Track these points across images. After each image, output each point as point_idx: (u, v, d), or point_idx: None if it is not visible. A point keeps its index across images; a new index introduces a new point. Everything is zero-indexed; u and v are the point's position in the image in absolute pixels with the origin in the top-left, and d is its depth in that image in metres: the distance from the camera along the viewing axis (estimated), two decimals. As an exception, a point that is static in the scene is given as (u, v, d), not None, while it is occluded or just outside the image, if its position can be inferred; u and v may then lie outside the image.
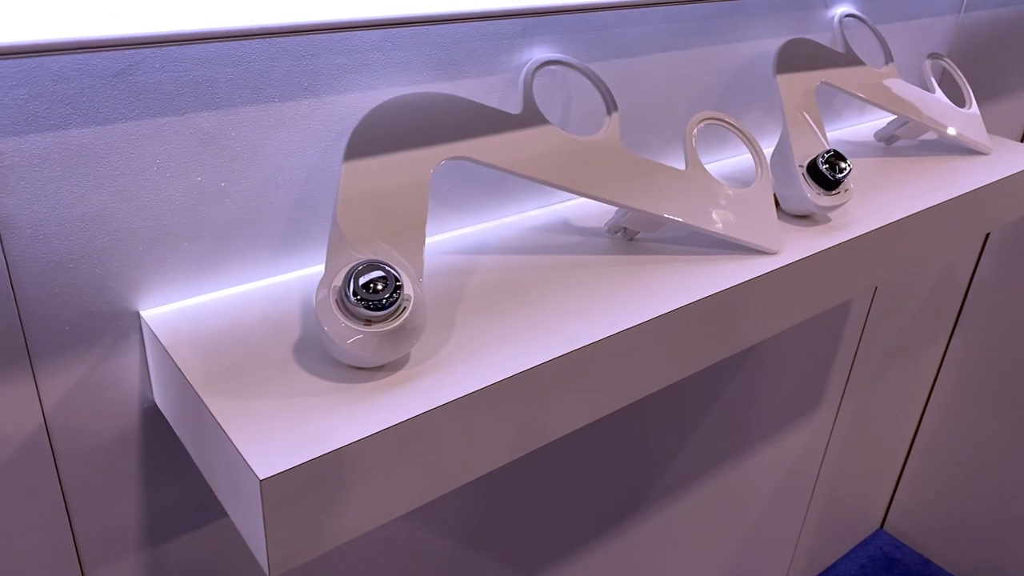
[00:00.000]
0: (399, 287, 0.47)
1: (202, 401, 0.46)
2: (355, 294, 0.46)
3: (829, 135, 0.97)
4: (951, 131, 0.90)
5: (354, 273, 0.46)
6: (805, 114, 0.75)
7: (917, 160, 0.90)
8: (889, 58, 0.90)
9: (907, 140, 0.94)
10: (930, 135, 0.92)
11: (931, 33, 1.04)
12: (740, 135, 0.71)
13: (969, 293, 1.52)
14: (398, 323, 0.47)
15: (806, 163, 0.72)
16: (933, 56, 0.95)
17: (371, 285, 0.46)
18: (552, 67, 0.66)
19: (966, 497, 1.65)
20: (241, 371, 0.49)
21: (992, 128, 0.99)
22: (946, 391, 1.62)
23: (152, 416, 0.57)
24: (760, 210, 0.68)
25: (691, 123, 0.68)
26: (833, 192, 0.72)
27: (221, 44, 0.50)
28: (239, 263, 0.56)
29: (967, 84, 0.97)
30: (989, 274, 1.49)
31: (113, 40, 0.44)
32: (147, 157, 0.50)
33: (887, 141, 0.93)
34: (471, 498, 0.86)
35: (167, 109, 0.49)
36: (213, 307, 0.55)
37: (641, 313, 0.56)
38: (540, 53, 0.65)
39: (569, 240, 0.67)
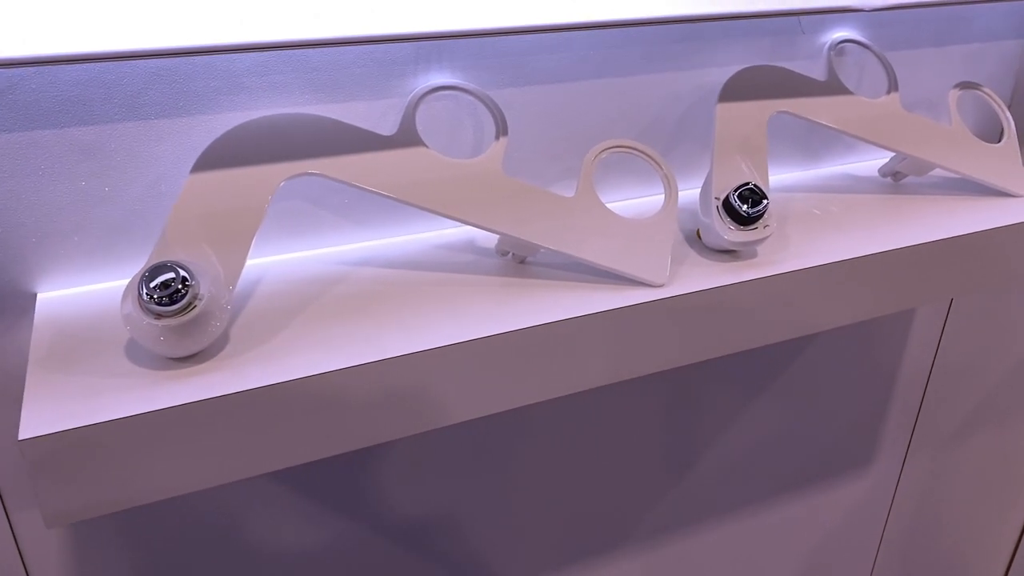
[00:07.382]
0: (188, 286, 0.52)
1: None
2: (147, 292, 0.52)
3: (839, 169, 0.91)
4: (958, 167, 0.81)
5: (145, 272, 0.52)
6: (738, 146, 0.72)
7: (917, 199, 0.83)
8: (893, 87, 0.83)
9: (915, 177, 0.86)
10: (951, 172, 0.84)
11: (985, 61, 0.94)
12: (653, 164, 0.70)
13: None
14: (185, 319, 0.52)
15: (723, 196, 0.69)
16: (964, 86, 0.87)
17: (167, 284, 0.52)
18: (457, 93, 0.68)
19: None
20: (75, 351, 0.56)
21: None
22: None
23: (54, 385, 0.66)
24: (652, 241, 0.67)
25: (592, 151, 0.68)
26: (748, 228, 0.68)
27: (93, 66, 0.57)
28: (130, 258, 0.64)
29: (1010, 117, 0.87)
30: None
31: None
32: (32, 164, 0.59)
33: (893, 177, 0.86)
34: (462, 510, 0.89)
35: (47, 123, 0.58)
36: (98, 296, 0.63)
37: (464, 333, 0.58)
38: (437, 78, 0.68)
39: (460, 259, 0.69)
